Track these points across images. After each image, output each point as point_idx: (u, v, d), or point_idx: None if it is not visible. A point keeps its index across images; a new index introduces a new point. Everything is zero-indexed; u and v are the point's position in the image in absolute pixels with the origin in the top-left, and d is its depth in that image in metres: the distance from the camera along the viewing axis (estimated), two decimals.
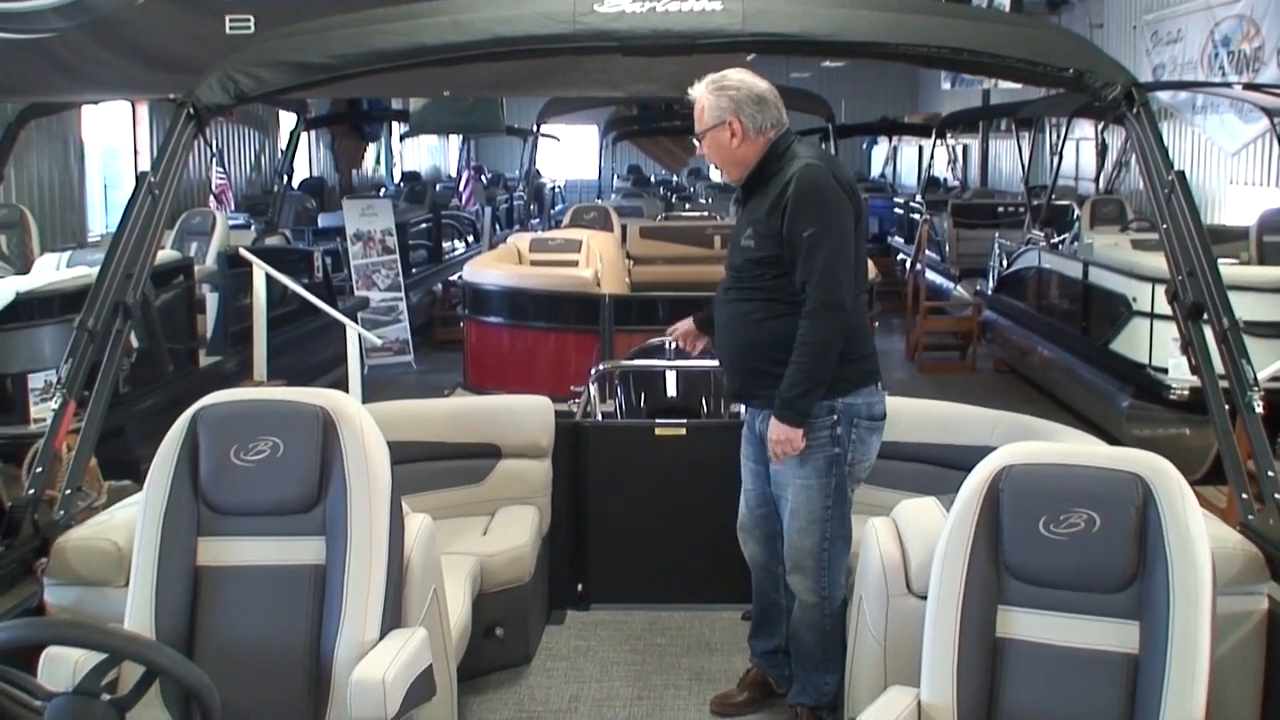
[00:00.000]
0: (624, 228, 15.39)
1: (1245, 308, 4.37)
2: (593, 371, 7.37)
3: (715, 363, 6.74)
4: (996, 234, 16.70)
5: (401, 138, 29.86)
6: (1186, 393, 9.58)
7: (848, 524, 4.94)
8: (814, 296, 4.71)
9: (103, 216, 16.84)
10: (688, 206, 22.40)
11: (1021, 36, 4.80)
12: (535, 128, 18.48)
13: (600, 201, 18.42)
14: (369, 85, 9.54)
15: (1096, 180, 19.50)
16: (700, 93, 4.92)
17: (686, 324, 5.60)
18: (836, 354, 4.77)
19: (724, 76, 4.92)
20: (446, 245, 19.60)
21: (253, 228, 15.36)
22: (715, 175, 32.87)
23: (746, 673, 5.49)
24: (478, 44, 4.85)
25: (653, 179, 32.02)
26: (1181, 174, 4.53)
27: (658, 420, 6.59)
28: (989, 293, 15.71)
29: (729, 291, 5.04)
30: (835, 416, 4.84)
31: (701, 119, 4.92)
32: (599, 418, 7.11)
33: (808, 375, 4.74)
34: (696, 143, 5.04)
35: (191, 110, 4.83)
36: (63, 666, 3.52)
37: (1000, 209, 19.68)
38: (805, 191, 4.73)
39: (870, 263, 6.08)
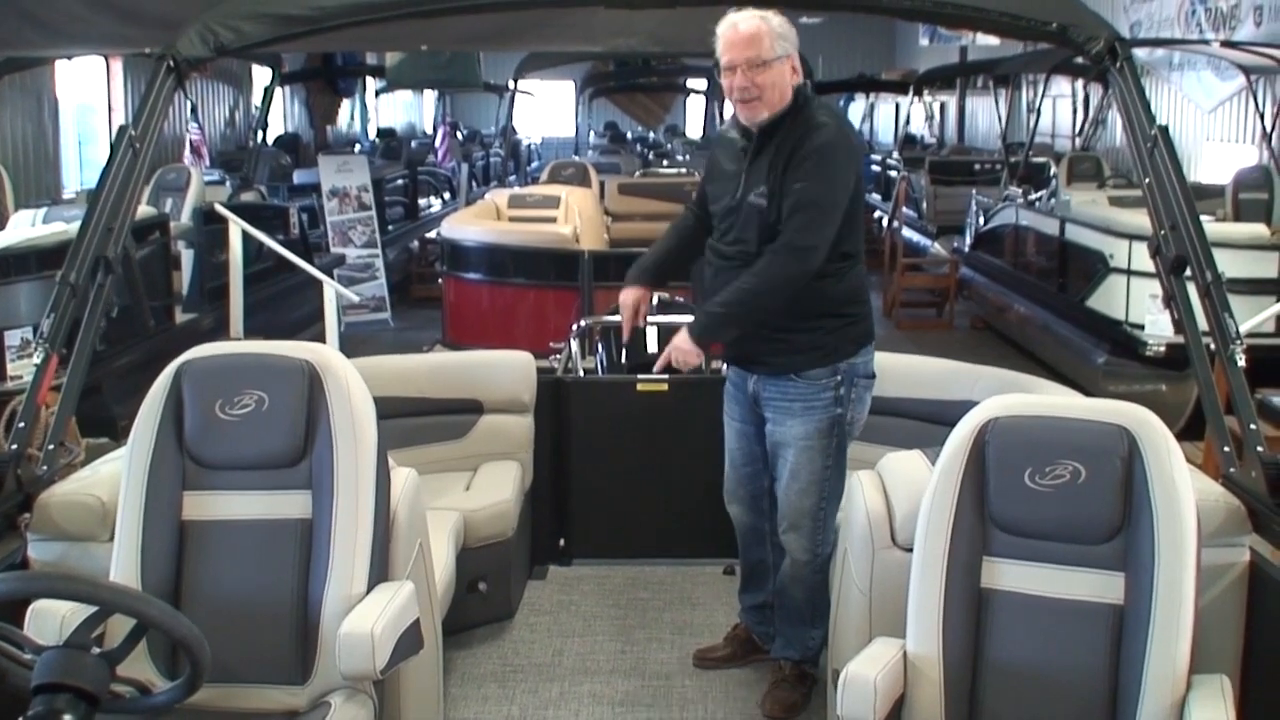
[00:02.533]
0: (602, 184, 15.36)
1: (1221, 265, 4.38)
2: (574, 327, 7.35)
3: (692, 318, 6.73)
4: (974, 191, 16.70)
5: (377, 93, 29.74)
6: (1163, 349, 9.64)
7: (842, 482, 4.86)
8: (786, 243, 4.59)
9: (77, 173, 16.74)
10: (665, 163, 22.34)
11: None
12: (512, 83, 18.39)
13: (578, 158, 18.35)
14: (349, 38, 9.50)
15: (1073, 137, 19.53)
16: (755, 20, 4.61)
17: (635, 295, 5.25)
18: (774, 307, 4.68)
19: (771, 11, 4.68)
20: (423, 202, 19.54)
21: (228, 184, 15.28)
22: (693, 131, 32.87)
23: (734, 628, 5.51)
24: None
25: (629, 135, 31.94)
26: (1164, 128, 4.53)
27: (639, 375, 6.58)
28: (966, 250, 15.74)
29: (731, 259, 4.80)
30: (839, 378, 4.80)
31: (767, 46, 4.58)
32: (580, 374, 7.11)
33: (741, 311, 4.69)
34: (740, 73, 4.61)
35: (171, 63, 4.78)
36: (50, 621, 3.51)
37: (977, 166, 19.72)
38: (826, 154, 4.60)
39: None
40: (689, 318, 6.36)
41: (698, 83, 25.35)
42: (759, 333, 4.80)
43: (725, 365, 5.23)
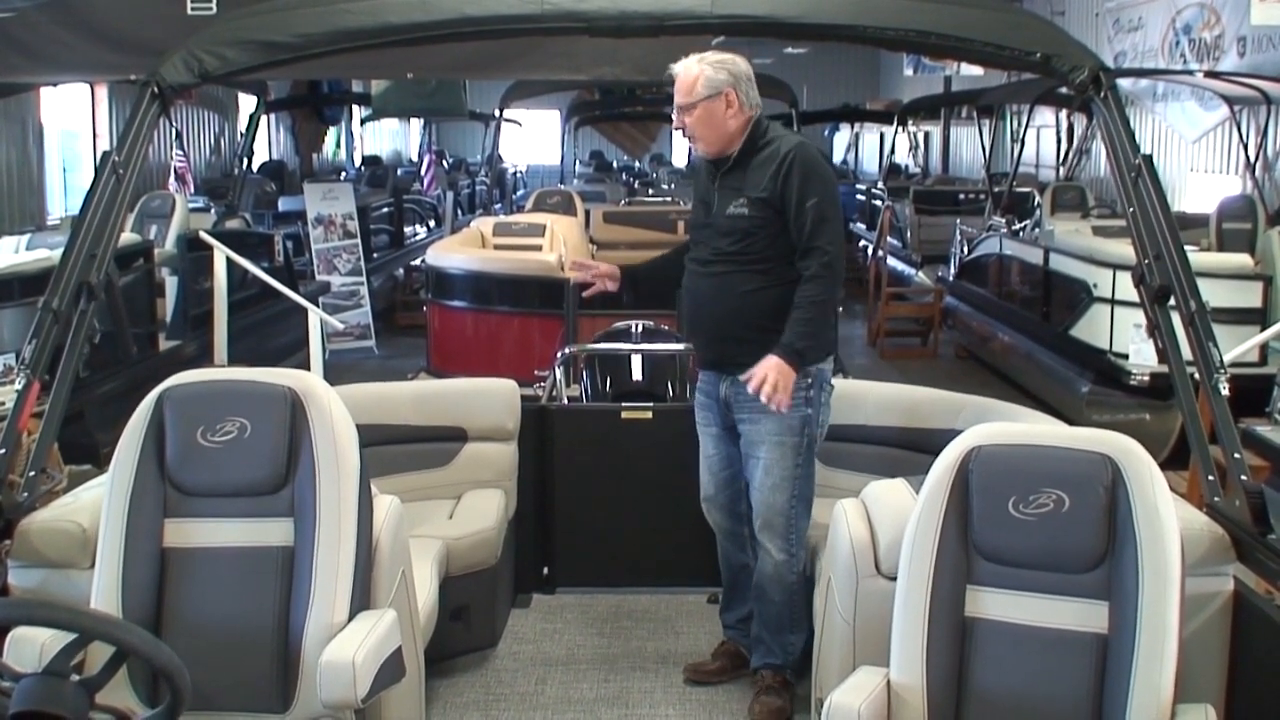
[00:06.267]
0: (587, 213, 15.37)
1: (1205, 294, 4.39)
2: (558, 355, 7.35)
3: (681, 346, 6.75)
4: (958, 221, 16.75)
5: (362, 121, 29.73)
6: (1146, 378, 9.66)
7: (812, 485, 5.13)
8: (820, 261, 4.90)
9: (61, 199, 16.71)
10: (650, 192, 22.42)
11: (990, 20, 4.80)
12: (498, 112, 18.40)
13: (564, 186, 18.37)
14: (333, 66, 9.48)
15: (1057, 167, 19.59)
16: (692, 65, 4.96)
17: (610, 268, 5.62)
18: (834, 313, 5.08)
19: (715, 53, 5.02)
20: (408, 230, 19.54)
21: (213, 211, 15.28)
22: (678, 160, 32.95)
23: (721, 644, 5.57)
24: (445, 24, 4.82)
25: (615, 164, 31.99)
26: (1148, 158, 4.54)
27: (624, 404, 6.58)
28: (950, 279, 15.76)
29: (711, 265, 5.07)
30: (809, 380, 4.99)
31: (694, 89, 4.93)
32: (565, 401, 7.10)
33: (815, 329, 4.92)
34: (676, 115, 5.03)
35: (156, 89, 4.77)
36: (28, 648, 3.49)
37: (962, 196, 19.78)
38: (809, 164, 4.97)
39: None
40: (678, 345, 6.40)
41: None
42: (735, 334, 5.02)
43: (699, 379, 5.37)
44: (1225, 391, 4.22)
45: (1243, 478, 4.07)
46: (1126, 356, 9.98)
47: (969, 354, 14.87)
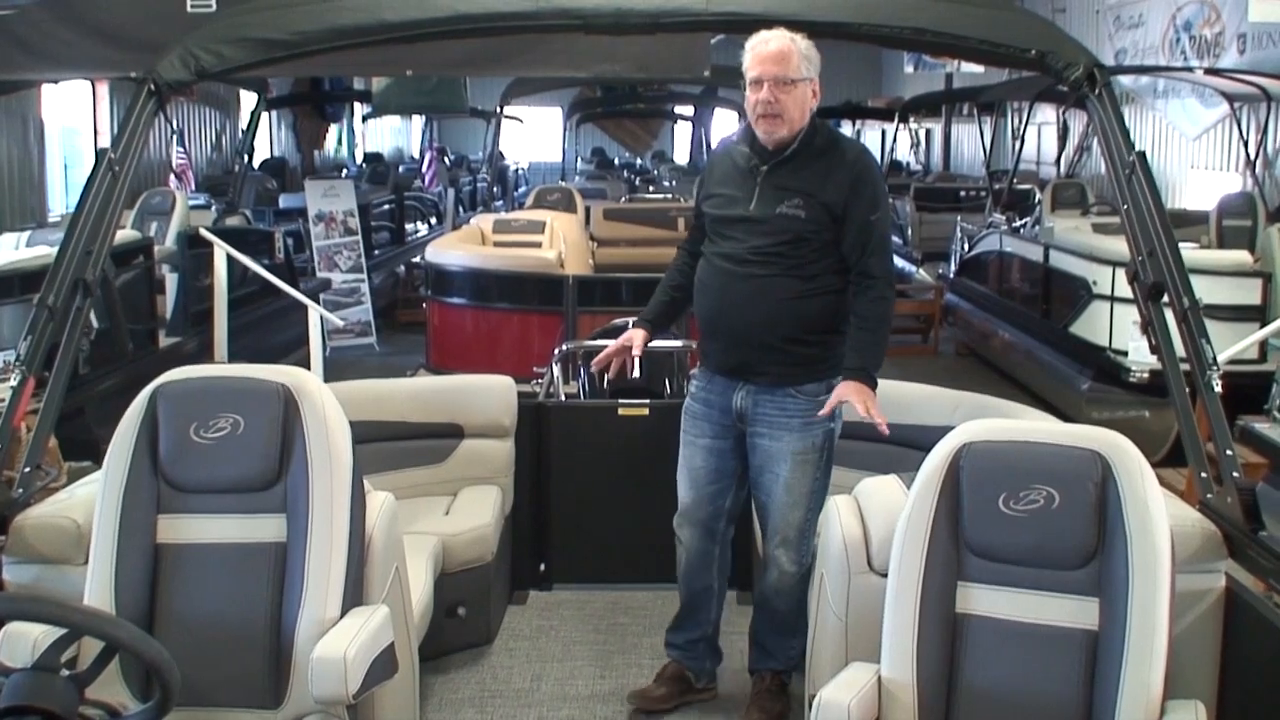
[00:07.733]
0: (588, 209, 15.37)
1: (1205, 291, 4.40)
2: (556, 352, 7.35)
3: (679, 343, 6.75)
4: (958, 218, 16.77)
5: (364, 118, 29.74)
6: (1146, 375, 9.68)
7: (825, 493, 4.96)
8: (882, 280, 4.85)
9: (62, 196, 16.69)
10: (651, 189, 22.40)
11: (985, 18, 4.79)
12: (499, 109, 18.39)
13: (564, 183, 18.37)
14: (332, 63, 9.49)
15: (1057, 164, 19.59)
16: (783, 37, 4.75)
17: (638, 335, 5.30)
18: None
19: (799, 34, 4.81)
20: (409, 227, 19.56)
21: (213, 208, 15.29)
22: (680, 157, 32.93)
23: (664, 668, 5.35)
24: (440, 21, 4.81)
25: (616, 161, 31.97)
26: (1142, 154, 4.54)
27: (621, 400, 6.58)
28: (951, 276, 15.76)
29: (747, 264, 4.84)
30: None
31: (796, 65, 4.76)
32: (562, 398, 7.10)
33: (882, 349, 4.95)
34: (768, 88, 4.74)
35: (153, 87, 4.77)
36: (20, 643, 3.49)
37: (962, 193, 19.78)
38: (876, 175, 4.92)
39: None
40: (675, 342, 6.39)
41: (685, 109, 25.43)
42: (766, 342, 4.86)
43: (693, 384, 5.23)
44: (1218, 388, 4.22)
45: (1235, 474, 4.08)
46: (1126, 353, 10.00)
47: (969, 351, 14.87)
